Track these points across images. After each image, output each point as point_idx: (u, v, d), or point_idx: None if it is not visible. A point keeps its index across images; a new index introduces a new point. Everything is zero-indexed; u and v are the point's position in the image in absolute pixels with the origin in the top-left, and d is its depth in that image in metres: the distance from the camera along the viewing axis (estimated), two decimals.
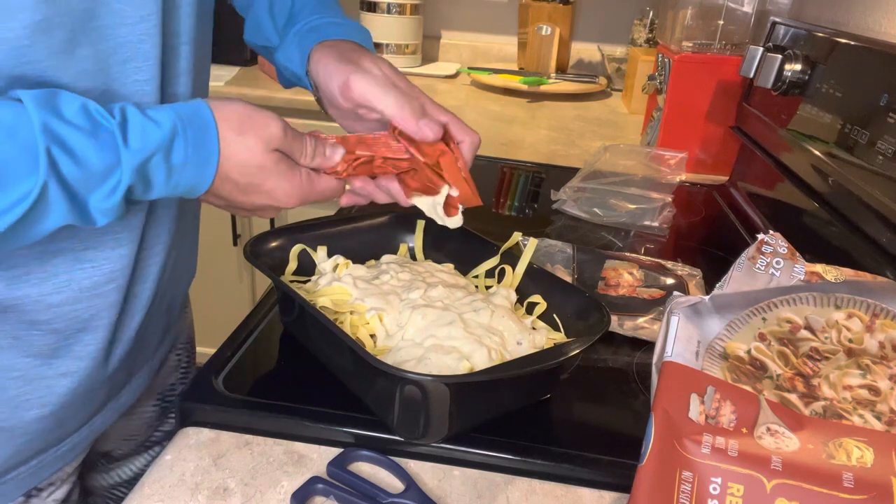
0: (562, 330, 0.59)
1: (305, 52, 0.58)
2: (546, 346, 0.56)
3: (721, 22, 1.23)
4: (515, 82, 1.77)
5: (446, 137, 0.55)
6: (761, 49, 0.99)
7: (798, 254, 0.50)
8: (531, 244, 0.65)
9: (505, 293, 0.61)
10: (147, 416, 0.71)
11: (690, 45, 1.23)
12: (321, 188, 0.52)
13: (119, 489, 0.72)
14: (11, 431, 0.50)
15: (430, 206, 0.57)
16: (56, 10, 0.40)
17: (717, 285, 0.49)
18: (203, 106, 0.45)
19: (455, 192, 0.56)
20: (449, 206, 0.57)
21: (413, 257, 0.71)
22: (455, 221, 0.58)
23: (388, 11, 1.85)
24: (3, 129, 0.37)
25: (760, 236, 0.51)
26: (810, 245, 0.79)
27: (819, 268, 0.49)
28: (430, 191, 0.56)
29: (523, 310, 0.62)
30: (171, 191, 0.45)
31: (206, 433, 0.52)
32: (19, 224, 0.39)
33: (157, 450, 0.73)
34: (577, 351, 0.51)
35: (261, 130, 0.47)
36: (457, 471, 0.51)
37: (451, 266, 0.68)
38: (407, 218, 0.72)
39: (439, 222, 0.58)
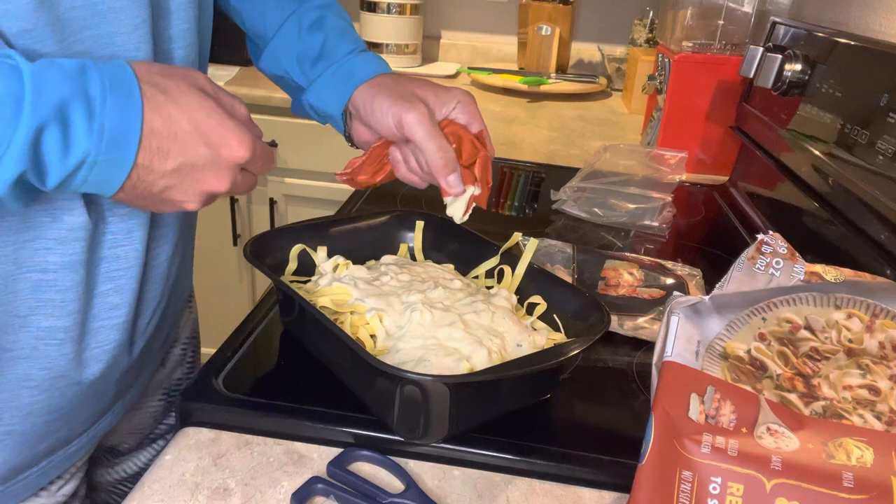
0: (562, 330, 0.59)
1: (345, 97, 0.62)
2: (546, 347, 0.56)
3: (721, 22, 1.23)
4: (515, 82, 1.77)
5: (480, 141, 0.60)
6: (761, 49, 0.99)
7: (798, 254, 0.50)
8: (531, 244, 0.65)
9: (506, 294, 0.61)
10: (153, 410, 0.72)
11: (690, 45, 1.23)
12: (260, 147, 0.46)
13: (124, 484, 0.73)
14: (23, 436, 0.51)
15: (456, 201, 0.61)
16: (45, 18, 0.40)
17: (717, 285, 0.49)
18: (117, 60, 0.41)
19: (477, 191, 0.60)
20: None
21: (413, 257, 0.71)
22: (461, 212, 0.62)
23: (388, 11, 1.85)
24: None
25: (760, 236, 0.51)
26: (810, 245, 0.79)
27: (819, 268, 0.49)
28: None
29: (524, 310, 0.62)
30: (96, 134, 0.38)
31: (206, 433, 0.52)
32: None
33: (160, 443, 0.74)
34: (577, 351, 0.51)
35: (189, 75, 0.43)
36: (457, 471, 0.51)
37: (451, 266, 0.68)
38: (407, 218, 0.72)
39: (457, 213, 0.61)
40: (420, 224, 0.71)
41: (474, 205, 0.61)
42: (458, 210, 0.61)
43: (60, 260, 0.46)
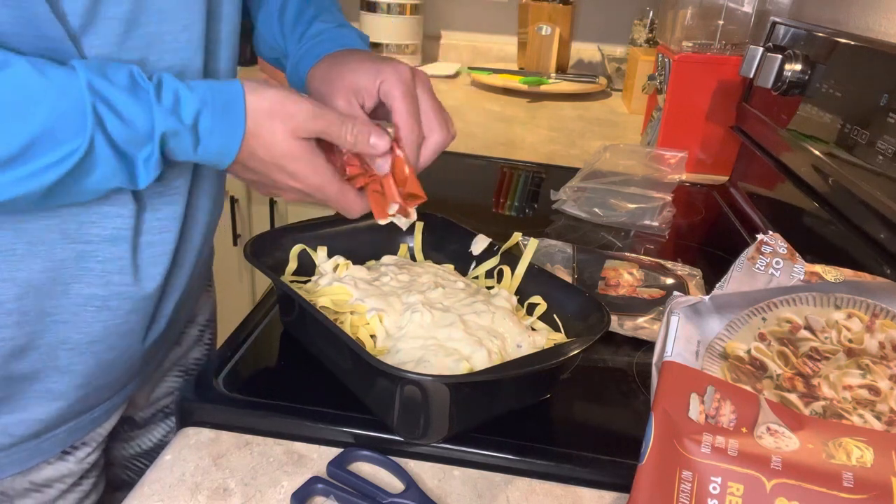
0: (562, 330, 0.59)
1: (317, 57, 0.61)
2: (546, 347, 0.56)
3: (721, 22, 1.23)
4: (515, 82, 1.77)
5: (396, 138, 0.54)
6: (761, 49, 0.99)
7: (797, 254, 0.50)
8: (531, 244, 0.65)
9: (506, 295, 0.61)
10: (168, 384, 0.74)
11: (690, 45, 1.23)
12: (348, 199, 0.53)
13: (138, 460, 0.75)
14: (59, 395, 0.55)
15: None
16: (100, 15, 0.44)
17: (717, 285, 0.49)
18: (236, 83, 0.48)
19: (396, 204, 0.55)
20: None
21: (413, 257, 0.71)
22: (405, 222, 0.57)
23: (388, 11, 1.85)
24: (56, 88, 0.41)
25: (760, 236, 0.51)
26: (810, 245, 0.79)
27: (819, 268, 0.49)
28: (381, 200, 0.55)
29: (524, 311, 0.62)
30: (200, 155, 0.47)
31: (206, 433, 0.52)
32: (69, 177, 0.42)
33: (174, 419, 0.76)
34: (577, 351, 0.51)
35: (288, 120, 0.49)
36: (457, 471, 0.51)
37: (451, 266, 0.68)
38: None
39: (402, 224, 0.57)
40: (420, 224, 0.71)
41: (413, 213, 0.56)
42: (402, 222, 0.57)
43: (102, 233, 0.50)
